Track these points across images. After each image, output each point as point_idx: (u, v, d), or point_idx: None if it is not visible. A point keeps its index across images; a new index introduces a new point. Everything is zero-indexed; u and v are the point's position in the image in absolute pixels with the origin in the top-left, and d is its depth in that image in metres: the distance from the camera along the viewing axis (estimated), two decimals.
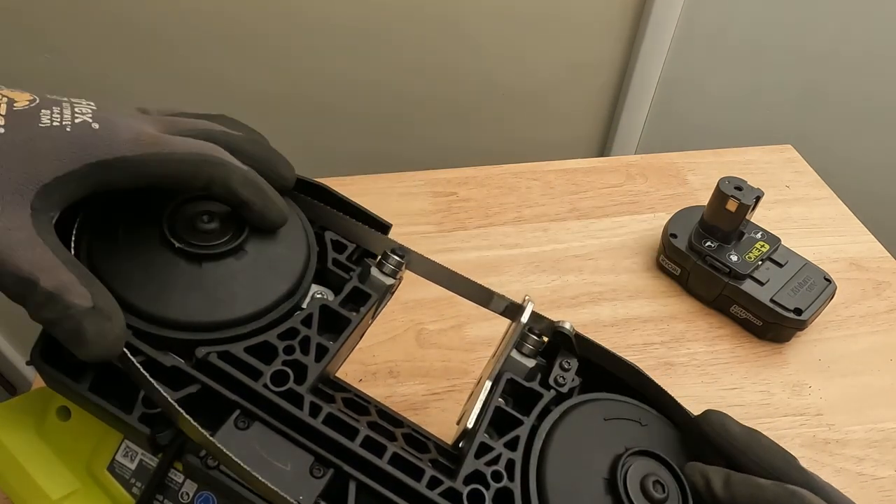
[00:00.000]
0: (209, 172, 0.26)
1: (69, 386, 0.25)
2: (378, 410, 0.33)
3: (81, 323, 0.22)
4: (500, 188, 0.66)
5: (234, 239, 0.29)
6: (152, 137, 0.25)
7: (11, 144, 0.21)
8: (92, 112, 0.24)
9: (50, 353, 0.25)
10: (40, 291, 0.21)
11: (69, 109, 0.23)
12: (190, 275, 0.28)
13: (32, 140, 0.22)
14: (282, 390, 0.27)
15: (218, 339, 0.27)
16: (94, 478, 0.28)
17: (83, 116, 0.23)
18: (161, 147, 0.25)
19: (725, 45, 0.77)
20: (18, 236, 0.21)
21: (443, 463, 0.30)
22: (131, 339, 0.26)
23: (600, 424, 0.30)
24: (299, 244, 0.32)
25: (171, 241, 0.28)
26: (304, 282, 0.31)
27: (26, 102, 0.23)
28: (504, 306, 0.34)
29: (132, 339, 0.26)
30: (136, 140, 0.24)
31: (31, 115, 0.22)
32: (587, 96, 0.80)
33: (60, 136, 0.22)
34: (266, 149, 0.30)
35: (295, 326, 0.29)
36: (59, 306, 0.22)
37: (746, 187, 0.52)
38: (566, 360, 0.33)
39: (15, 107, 0.22)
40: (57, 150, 0.22)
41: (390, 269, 0.33)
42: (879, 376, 0.51)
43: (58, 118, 0.23)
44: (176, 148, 0.25)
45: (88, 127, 0.23)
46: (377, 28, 0.70)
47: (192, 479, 0.27)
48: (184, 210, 0.29)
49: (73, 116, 0.23)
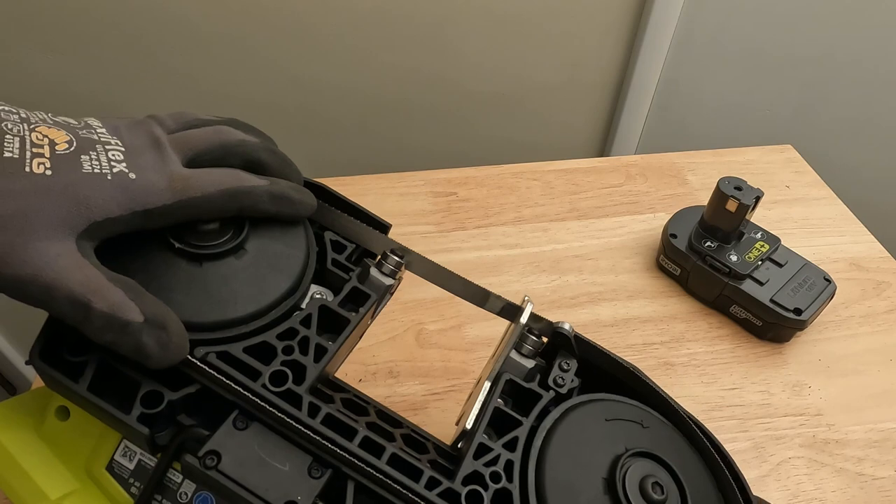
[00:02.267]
0: (239, 204, 0.29)
1: (68, 386, 0.25)
2: (377, 411, 0.33)
3: (140, 338, 0.24)
4: (500, 188, 0.66)
5: (234, 238, 0.29)
6: (183, 181, 0.27)
7: (60, 185, 0.24)
8: (123, 156, 0.26)
9: (49, 353, 0.25)
10: (96, 314, 0.23)
11: (105, 155, 0.26)
12: (190, 275, 0.28)
13: (77, 184, 0.24)
14: (280, 390, 0.27)
15: (217, 339, 0.27)
16: (92, 478, 0.28)
17: (119, 166, 0.26)
18: (193, 192, 0.27)
19: (725, 46, 0.77)
20: (67, 262, 0.23)
21: (441, 464, 0.30)
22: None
23: (599, 425, 0.30)
24: (299, 244, 0.32)
25: (171, 241, 0.28)
26: (303, 282, 0.31)
27: (65, 145, 0.25)
28: (501, 307, 0.34)
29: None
30: (170, 187, 0.26)
31: (73, 160, 0.25)
32: (587, 96, 0.80)
33: (102, 184, 0.25)
34: (281, 160, 0.32)
35: (294, 327, 0.29)
36: (115, 326, 0.23)
37: (746, 187, 0.52)
38: (565, 361, 0.33)
39: (57, 150, 0.24)
40: (103, 197, 0.25)
41: (389, 269, 0.33)
42: (879, 376, 0.51)
43: (97, 165, 0.25)
44: (206, 189, 0.27)
45: (126, 177, 0.25)
46: (379, 28, 0.70)
47: (191, 480, 0.27)
48: None
49: (109, 164, 0.25)
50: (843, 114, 0.86)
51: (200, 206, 0.27)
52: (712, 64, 0.79)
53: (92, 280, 0.23)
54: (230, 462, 0.24)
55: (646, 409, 0.32)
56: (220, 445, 0.25)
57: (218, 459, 0.24)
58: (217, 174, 0.28)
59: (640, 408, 0.31)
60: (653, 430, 0.31)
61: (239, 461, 0.24)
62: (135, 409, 0.25)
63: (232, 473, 0.24)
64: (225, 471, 0.24)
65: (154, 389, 0.25)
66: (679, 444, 0.31)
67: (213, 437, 0.25)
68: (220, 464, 0.24)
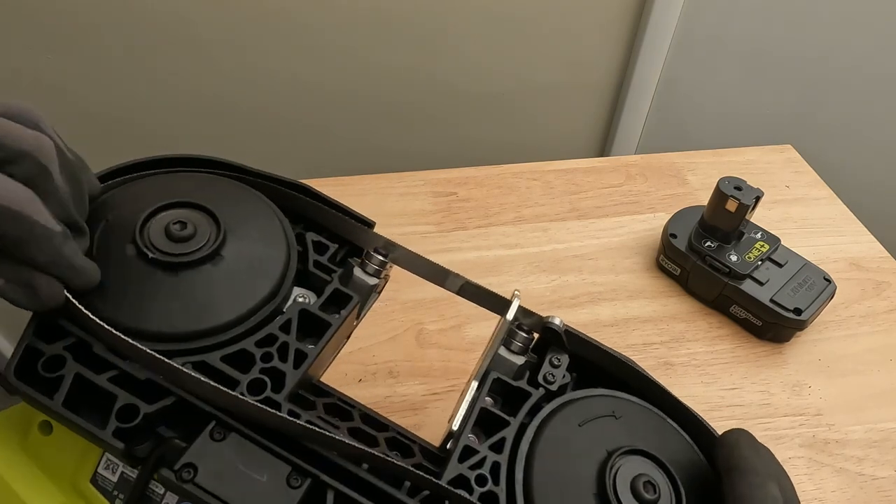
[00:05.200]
0: (10, 231, 0.23)
1: (42, 402, 0.24)
2: (362, 415, 0.32)
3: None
4: (500, 188, 0.66)
5: (210, 244, 0.29)
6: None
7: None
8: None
9: (24, 370, 0.25)
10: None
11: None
12: (166, 284, 0.27)
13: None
14: (259, 399, 0.26)
15: (194, 349, 0.27)
16: (78, 491, 0.28)
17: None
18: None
19: (725, 45, 0.77)
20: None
21: (427, 467, 0.29)
22: (103, 352, 0.26)
23: (589, 423, 0.29)
24: (279, 246, 0.31)
25: (144, 251, 0.27)
26: (284, 285, 0.30)
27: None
28: (460, 285, 0.34)
29: (104, 352, 0.26)
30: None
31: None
32: (587, 96, 0.80)
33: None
34: (76, 160, 0.27)
35: (273, 332, 0.28)
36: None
37: (746, 187, 0.52)
38: (556, 357, 0.32)
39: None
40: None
41: (373, 268, 0.32)
42: (879, 376, 0.51)
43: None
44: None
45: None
46: (379, 29, 0.70)
47: (171, 492, 0.26)
48: (156, 219, 0.29)
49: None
50: (842, 114, 0.86)
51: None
52: (712, 64, 0.79)
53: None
54: (206, 474, 0.24)
55: (646, 404, 0.31)
56: (197, 457, 0.24)
57: (195, 472, 0.24)
58: (8, 186, 0.23)
59: (636, 402, 0.31)
60: (648, 425, 0.30)
61: (216, 473, 0.24)
62: (110, 424, 0.24)
63: (208, 486, 0.24)
64: (201, 483, 0.24)
65: (130, 403, 0.25)
66: (663, 426, 0.30)
67: (190, 449, 0.24)
68: (196, 476, 0.24)
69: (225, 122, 0.76)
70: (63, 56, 0.68)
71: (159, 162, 0.34)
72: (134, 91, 0.72)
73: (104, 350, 0.26)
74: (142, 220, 0.28)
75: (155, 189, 0.31)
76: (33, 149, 0.24)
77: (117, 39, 0.68)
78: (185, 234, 0.28)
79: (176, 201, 0.30)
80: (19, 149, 0.23)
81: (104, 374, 0.25)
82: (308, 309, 0.29)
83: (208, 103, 0.74)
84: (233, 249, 0.29)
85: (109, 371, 0.26)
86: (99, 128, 0.74)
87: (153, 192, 0.31)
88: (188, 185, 0.33)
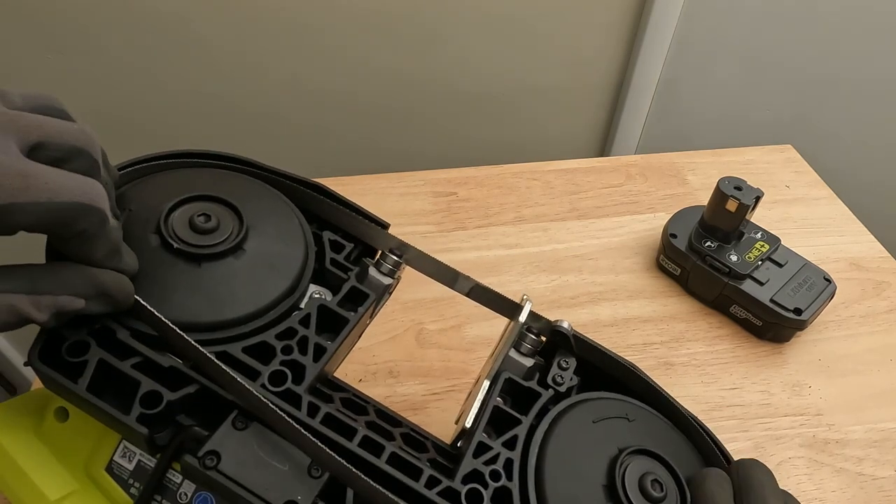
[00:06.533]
0: (83, 226, 0.22)
1: (67, 387, 0.25)
2: (376, 410, 0.33)
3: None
4: (499, 188, 0.66)
5: (233, 238, 0.29)
6: (21, 178, 0.20)
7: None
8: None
9: (48, 354, 0.25)
10: None
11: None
12: (189, 275, 0.28)
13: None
14: (280, 390, 0.27)
15: (216, 340, 0.27)
16: (92, 478, 0.28)
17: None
18: (35, 195, 0.20)
19: (725, 45, 0.77)
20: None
21: (441, 462, 0.30)
22: (127, 339, 0.26)
23: (598, 423, 0.30)
24: (297, 244, 0.32)
25: (169, 241, 0.28)
26: (302, 281, 0.31)
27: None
28: (469, 288, 0.34)
29: (127, 339, 0.26)
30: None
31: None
32: (587, 96, 0.80)
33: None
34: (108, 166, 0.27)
35: (293, 326, 0.29)
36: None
37: (746, 187, 0.52)
38: (564, 359, 0.33)
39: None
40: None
41: (388, 268, 0.33)
42: (879, 376, 0.51)
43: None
44: (57, 195, 0.21)
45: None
46: (379, 30, 0.70)
47: (191, 480, 0.27)
48: (180, 211, 0.29)
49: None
50: (842, 114, 0.86)
51: (32, 213, 0.20)
52: (712, 64, 0.79)
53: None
54: (230, 462, 0.24)
55: (646, 407, 0.31)
56: (220, 445, 0.25)
57: (217, 459, 0.24)
58: (77, 181, 0.22)
59: (639, 405, 0.31)
60: (654, 428, 0.31)
61: (238, 461, 0.24)
62: (134, 409, 0.25)
63: (231, 473, 0.24)
64: (224, 471, 0.24)
65: (153, 390, 0.25)
66: (671, 434, 0.31)
67: (213, 437, 0.25)
68: (219, 464, 0.24)
69: (225, 122, 0.76)
70: (63, 56, 0.68)
71: (178, 156, 0.34)
72: (134, 91, 0.72)
73: (127, 336, 0.26)
74: (166, 211, 0.29)
75: (176, 182, 0.32)
76: (84, 144, 0.23)
77: (117, 39, 0.68)
78: (209, 226, 0.29)
79: (199, 194, 0.30)
80: (73, 146, 0.23)
81: (128, 360, 0.26)
82: (327, 305, 0.30)
83: (208, 103, 0.74)
84: (254, 244, 0.30)
85: (133, 357, 0.26)
86: (99, 128, 0.73)
87: (174, 185, 0.31)
88: (208, 179, 0.33)
